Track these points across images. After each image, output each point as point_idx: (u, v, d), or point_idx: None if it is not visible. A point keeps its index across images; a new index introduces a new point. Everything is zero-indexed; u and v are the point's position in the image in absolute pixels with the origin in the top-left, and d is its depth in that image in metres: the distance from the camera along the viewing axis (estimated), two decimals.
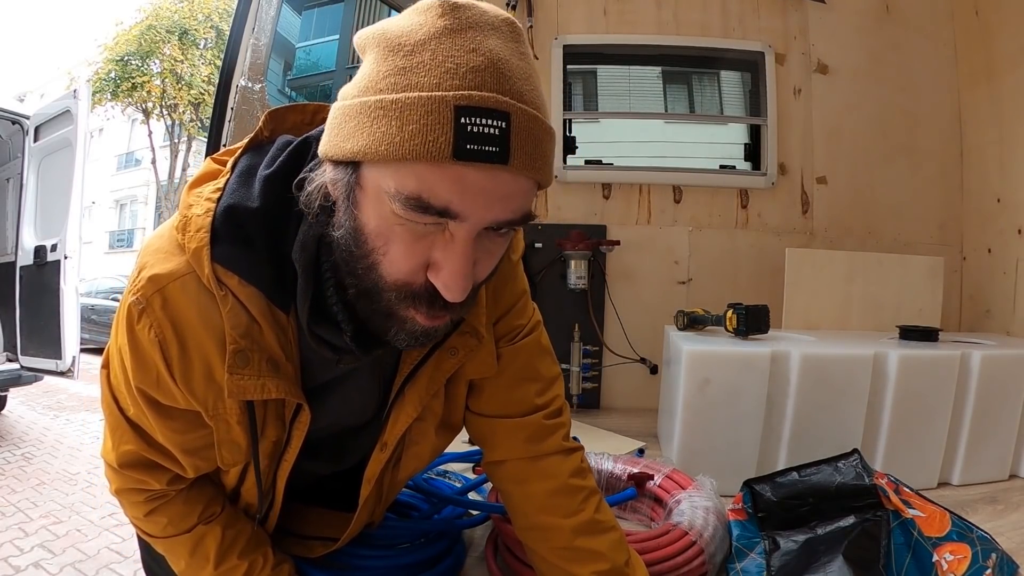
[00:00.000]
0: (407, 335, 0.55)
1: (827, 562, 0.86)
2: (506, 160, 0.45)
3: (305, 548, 0.81)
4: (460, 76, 0.45)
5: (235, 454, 0.64)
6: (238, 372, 0.57)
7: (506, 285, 0.73)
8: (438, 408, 0.73)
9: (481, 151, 0.45)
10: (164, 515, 0.70)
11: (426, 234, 0.49)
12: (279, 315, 0.59)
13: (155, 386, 0.60)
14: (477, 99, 0.45)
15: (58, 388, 5.10)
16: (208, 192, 0.59)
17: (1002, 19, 1.81)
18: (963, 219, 2.00)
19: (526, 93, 0.47)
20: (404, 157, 0.45)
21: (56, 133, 3.50)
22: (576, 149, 2.11)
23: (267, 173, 0.58)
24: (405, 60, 0.46)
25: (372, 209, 0.49)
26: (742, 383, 1.24)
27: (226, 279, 0.56)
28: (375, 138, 0.46)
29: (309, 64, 3.78)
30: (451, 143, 0.44)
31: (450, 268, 0.49)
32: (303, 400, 0.62)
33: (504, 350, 0.74)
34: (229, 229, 0.57)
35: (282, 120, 0.64)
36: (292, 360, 0.61)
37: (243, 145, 0.62)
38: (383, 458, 0.72)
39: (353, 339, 0.59)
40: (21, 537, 2.42)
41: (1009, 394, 1.29)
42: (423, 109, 0.45)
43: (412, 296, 0.52)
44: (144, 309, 0.57)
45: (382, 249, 0.50)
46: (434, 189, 0.46)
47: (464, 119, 0.44)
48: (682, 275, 2.02)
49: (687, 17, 2.03)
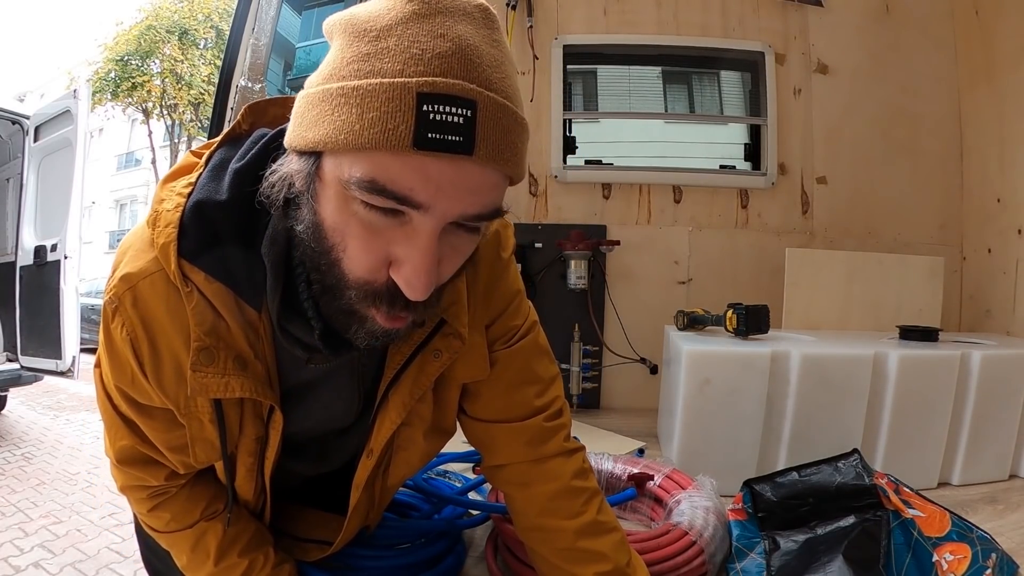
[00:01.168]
0: (366, 334, 0.53)
1: (827, 562, 0.86)
2: (470, 150, 0.43)
3: (301, 551, 0.81)
4: (425, 62, 0.43)
5: (208, 452, 0.64)
6: (201, 370, 0.56)
7: (497, 285, 0.70)
8: (426, 413, 0.72)
9: (443, 140, 0.42)
10: (167, 511, 0.70)
11: (385, 228, 0.46)
12: (249, 312, 0.58)
13: (131, 385, 0.60)
14: (441, 86, 0.42)
15: (58, 388, 5.11)
16: (180, 187, 0.58)
17: (1002, 19, 1.81)
18: (963, 219, 2.00)
19: (495, 81, 0.45)
20: (363, 146, 0.43)
21: (56, 133, 3.50)
22: (576, 149, 2.11)
23: (238, 166, 0.56)
24: (370, 46, 0.44)
25: (330, 202, 0.47)
26: (742, 383, 1.24)
27: (192, 275, 0.55)
28: (335, 127, 0.44)
29: (309, 64, 3.78)
30: (412, 131, 0.42)
31: (412, 264, 0.47)
32: (272, 400, 0.61)
33: (500, 353, 0.73)
34: (197, 224, 0.55)
35: (262, 113, 0.62)
36: (262, 359, 0.60)
37: (220, 139, 0.61)
38: (370, 465, 0.71)
39: (322, 337, 0.57)
40: (21, 537, 2.42)
41: (1009, 394, 1.29)
42: (384, 96, 0.42)
43: (373, 295, 0.50)
44: (117, 308, 0.57)
45: (341, 245, 0.48)
46: (394, 178, 0.43)
47: (427, 107, 0.42)
48: (682, 275, 2.02)
49: (687, 17, 2.03)
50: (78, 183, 3.34)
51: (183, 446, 0.64)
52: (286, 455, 0.69)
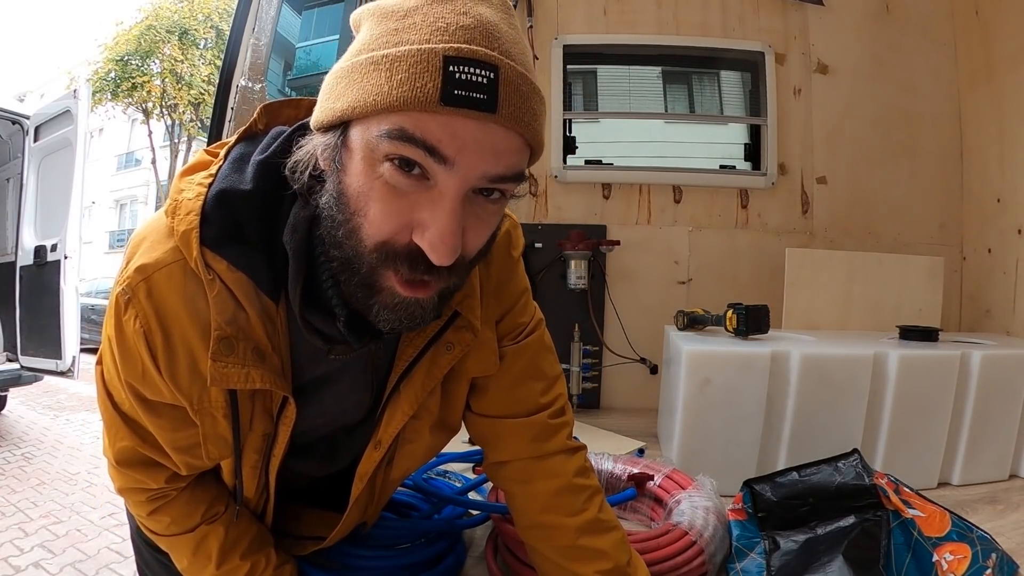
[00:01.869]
0: (389, 311, 0.52)
1: (827, 562, 0.86)
2: (494, 108, 0.45)
3: (298, 546, 0.81)
4: (450, 33, 0.46)
5: (221, 448, 0.63)
6: (222, 359, 0.56)
7: (508, 283, 0.72)
8: (434, 407, 0.72)
9: (469, 97, 0.45)
10: (167, 514, 0.70)
11: (410, 190, 0.47)
12: (267, 304, 0.58)
13: (141, 379, 0.59)
14: (466, 51, 0.45)
15: (58, 388, 5.11)
16: (200, 178, 0.58)
17: (1002, 19, 1.81)
18: (963, 219, 2.00)
19: (515, 54, 0.48)
20: (391, 106, 0.45)
21: (56, 133, 3.51)
22: (576, 149, 2.11)
23: (261, 158, 0.57)
24: (397, 23, 0.47)
25: (356, 168, 0.49)
26: (742, 383, 1.24)
27: (214, 264, 0.55)
28: (364, 91, 0.46)
29: (309, 64, 3.78)
30: (439, 88, 0.44)
31: (437, 226, 0.47)
32: (288, 392, 0.61)
33: (508, 349, 0.74)
34: (220, 213, 0.55)
35: (276, 114, 0.63)
36: (279, 351, 0.60)
37: (236, 136, 0.61)
38: (376, 456, 0.71)
39: (346, 325, 0.57)
40: (21, 537, 2.42)
41: (1009, 394, 1.29)
42: (412, 59, 0.45)
43: (393, 256, 0.49)
44: (130, 299, 0.56)
45: (363, 210, 0.49)
46: (422, 129, 0.45)
47: (452, 67, 0.45)
48: (682, 275, 2.02)
49: (687, 17, 2.03)
50: (78, 183, 3.34)
51: (189, 446, 0.63)
52: (294, 457, 0.68)
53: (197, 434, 0.62)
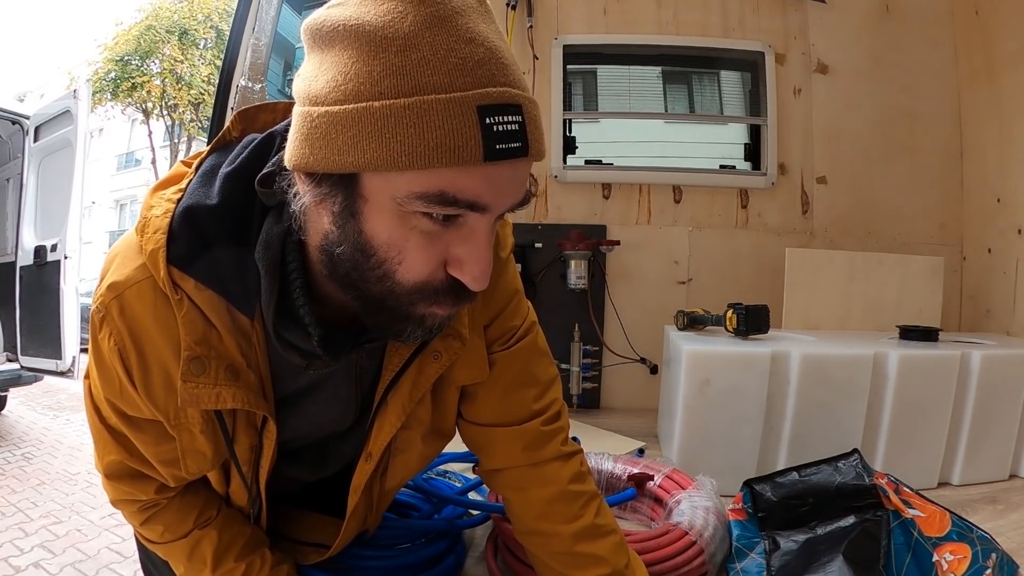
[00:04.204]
0: (424, 330, 0.54)
1: (827, 562, 0.86)
2: (527, 152, 0.46)
3: (300, 554, 0.80)
4: (470, 72, 0.44)
5: (200, 463, 0.63)
6: (192, 380, 0.55)
7: (496, 285, 0.69)
8: (425, 416, 0.71)
9: (508, 149, 0.44)
10: (160, 523, 0.70)
11: (443, 233, 0.48)
12: (241, 320, 0.57)
13: (119, 396, 0.59)
14: (496, 96, 0.44)
15: (58, 388, 5.10)
16: (170, 193, 0.57)
17: (1002, 19, 1.81)
18: (963, 219, 2.00)
19: (520, 78, 0.47)
20: (429, 164, 0.43)
21: (56, 133, 3.51)
22: (576, 149, 2.11)
23: (228, 170, 0.56)
24: (399, 57, 0.43)
25: (382, 219, 0.47)
26: (742, 383, 1.24)
27: (182, 283, 0.54)
28: (387, 147, 0.43)
29: None
30: (481, 146, 0.43)
31: (476, 261, 0.49)
32: (265, 410, 0.60)
33: (499, 355, 0.72)
34: (187, 230, 0.54)
35: (252, 120, 0.61)
36: (255, 368, 0.59)
37: (210, 146, 0.60)
38: (369, 468, 0.70)
39: (320, 343, 0.56)
40: (21, 537, 2.42)
41: (1009, 394, 1.29)
42: (444, 113, 0.43)
43: (434, 293, 0.51)
44: (104, 317, 0.56)
45: (397, 258, 0.49)
46: (463, 188, 0.45)
47: (488, 119, 0.43)
48: (682, 275, 2.02)
49: (687, 17, 2.02)
50: (78, 183, 3.34)
51: (173, 459, 0.63)
52: (283, 461, 0.68)
53: (176, 448, 0.62)
